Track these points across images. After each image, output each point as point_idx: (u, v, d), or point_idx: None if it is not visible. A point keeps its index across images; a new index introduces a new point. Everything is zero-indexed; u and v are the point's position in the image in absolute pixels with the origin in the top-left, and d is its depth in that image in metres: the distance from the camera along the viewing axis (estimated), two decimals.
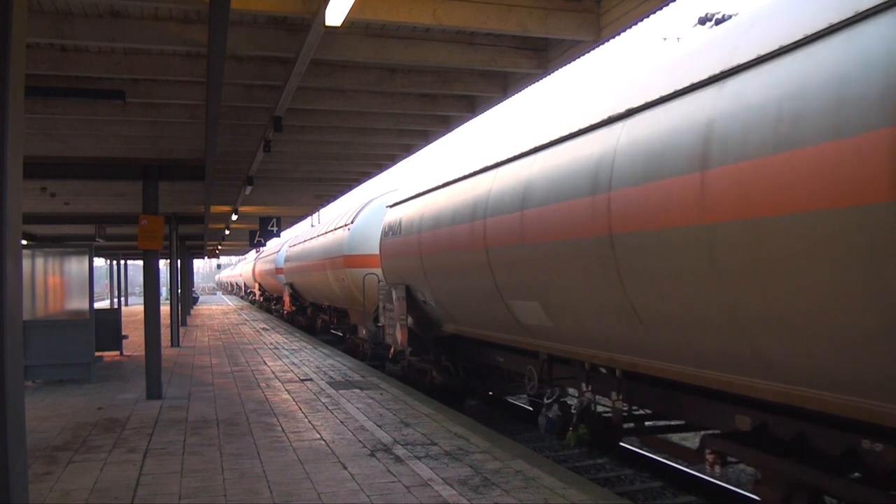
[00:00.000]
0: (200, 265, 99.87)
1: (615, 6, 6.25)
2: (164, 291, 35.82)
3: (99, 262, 37.61)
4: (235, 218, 18.63)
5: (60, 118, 8.86)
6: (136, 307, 34.13)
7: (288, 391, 10.96)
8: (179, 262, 22.81)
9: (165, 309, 20.58)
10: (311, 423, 8.54)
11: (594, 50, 6.80)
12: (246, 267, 54.97)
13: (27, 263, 12.38)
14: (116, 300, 40.26)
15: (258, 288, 43.30)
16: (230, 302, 55.90)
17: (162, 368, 11.10)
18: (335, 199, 18.41)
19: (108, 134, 9.82)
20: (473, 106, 9.17)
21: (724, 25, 5.19)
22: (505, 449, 7.09)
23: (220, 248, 40.20)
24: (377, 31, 6.89)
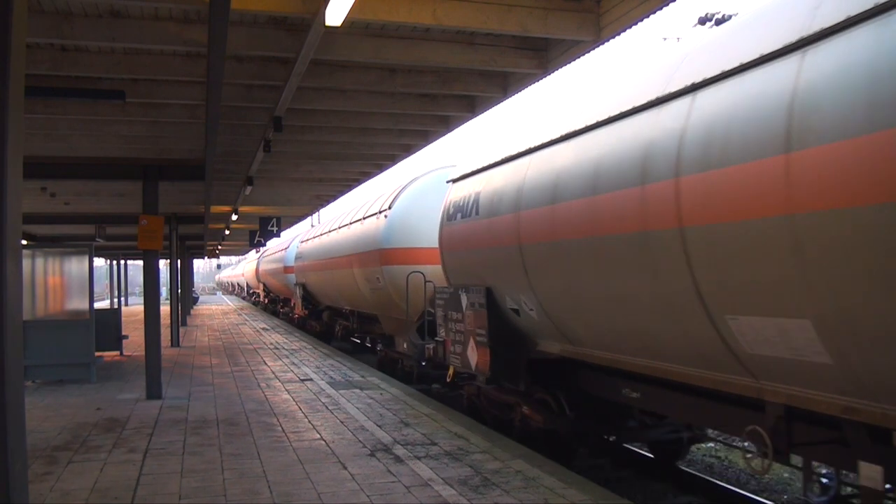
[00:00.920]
0: (200, 265, 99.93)
1: (615, 6, 6.26)
2: (164, 291, 35.79)
3: (99, 262, 37.59)
4: (235, 218, 18.63)
5: (60, 118, 8.86)
6: (136, 307, 34.12)
7: (288, 391, 10.96)
8: (179, 262, 22.82)
9: (165, 309, 20.55)
10: (311, 423, 8.54)
11: (594, 50, 6.81)
12: (248, 266, 50.47)
13: (27, 263, 12.37)
14: (116, 300, 40.27)
15: (262, 289, 39.64)
16: (230, 302, 55.92)
17: (162, 368, 11.10)
18: (335, 199, 18.41)
19: (108, 134, 9.82)
20: (473, 106, 9.17)
21: None
22: (505, 449, 7.09)
23: (220, 248, 40.22)
24: (377, 31, 6.89)
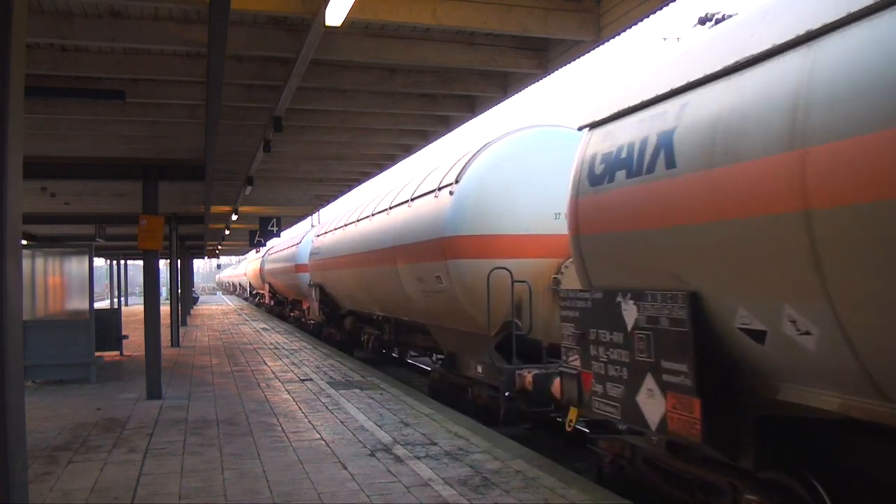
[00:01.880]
0: (200, 265, 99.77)
1: (615, 6, 6.26)
2: (164, 291, 35.75)
3: (99, 262, 37.55)
4: (235, 218, 18.63)
5: (60, 118, 8.86)
6: (136, 307, 34.06)
7: (288, 391, 10.96)
8: (179, 262, 22.82)
9: (165, 309, 20.54)
10: (311, 422, 8.54)
11: (594, 50, 6.81)
12: (251, 265, 45.67)
13: (27, 263, 12.37)
14: (116, 300, 40.26)
15: (268, 289, 35.87)
16: (230, 302, 55.90)
17: (162, 368, 11.10)
18: (335, 198, 18.43)
19: (108, 134, 9.82)
20: (473, 106, 9.17)
21: None
22: (505, 449, 7.09)
23: (220, 248, 40.21)
24: (377, 31, 6.89)
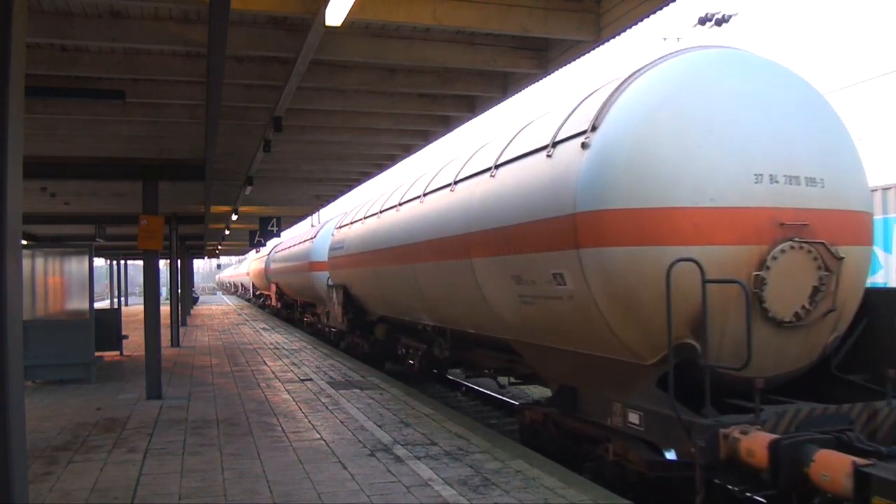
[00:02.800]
0: (200, 265, 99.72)
1: (615, 6, 6.26)
2: (164, 291, 35.75)
3: (99, 262, 37.53)
4: (235, 218, 18.63)
5: (60, 118, 8.86)
6: (136, 307, 34.05)
7: (288, 391, 10.96)
8: (179, 262, 22.81)
9: (165, 309, 20.54)
10: (311, 423, 8.53)
11: (594, 50, 6.81)
12: (255, 264, 42.23)
13: (27, 263, 12.37)
14: (116, 300, 40.24)
15: (275, 290, 31.71)
16: (230, 302, 55.90)
17: (162, 368, 11.10)
18: (335, 198, 18.42)
19: (108, 134, 9.82)
20: (473, 106, 9.17)
21: None
22: (505, 449, 7.08)
23: (220, 248, 40.17)
24: (377, 31, 6.89)
